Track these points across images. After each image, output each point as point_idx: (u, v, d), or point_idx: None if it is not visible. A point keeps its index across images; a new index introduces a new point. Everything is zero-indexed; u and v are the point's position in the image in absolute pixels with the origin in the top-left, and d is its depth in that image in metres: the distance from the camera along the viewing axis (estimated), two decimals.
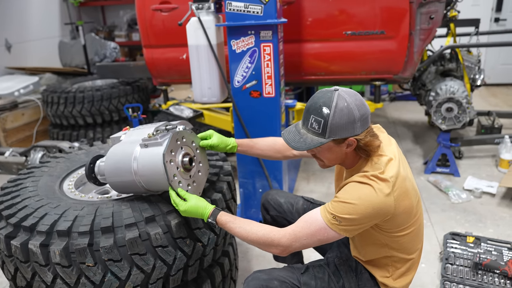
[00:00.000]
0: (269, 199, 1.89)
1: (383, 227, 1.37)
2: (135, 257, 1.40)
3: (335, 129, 1.28)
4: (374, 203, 1.27)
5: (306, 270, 1.52)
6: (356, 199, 1.27)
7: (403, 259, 1.46)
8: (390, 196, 1.28)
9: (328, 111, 1.27)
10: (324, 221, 1.31)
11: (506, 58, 6.10)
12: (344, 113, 1.27)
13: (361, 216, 1.27)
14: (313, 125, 1.31)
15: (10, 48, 4.94)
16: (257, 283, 1.44)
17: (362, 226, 1.31)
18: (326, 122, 1.28)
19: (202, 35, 2.39)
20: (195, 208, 1.44)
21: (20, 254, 1.42)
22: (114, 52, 5.15)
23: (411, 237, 1.41)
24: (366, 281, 1.50)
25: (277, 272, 1.50)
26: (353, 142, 1.32)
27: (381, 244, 1.43)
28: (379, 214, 1.29)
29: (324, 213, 1.32)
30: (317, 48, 2.94)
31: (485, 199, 3.05)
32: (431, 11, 2.78)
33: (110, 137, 1.70)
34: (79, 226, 1.40)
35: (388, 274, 1.48)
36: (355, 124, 1.28)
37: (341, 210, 1.28)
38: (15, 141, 4.06)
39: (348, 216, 1.27)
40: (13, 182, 1.79)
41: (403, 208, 1.32)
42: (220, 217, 1.45)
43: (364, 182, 1.29)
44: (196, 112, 3.24)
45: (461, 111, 3.29)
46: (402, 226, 1.37)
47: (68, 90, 3.78)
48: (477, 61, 3.89)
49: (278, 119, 2.49)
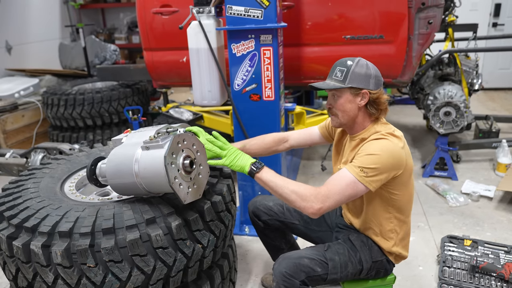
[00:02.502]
0: (258, 206, 1.95)
1: (390, 184, 1.54)
2: (136, 258, 1.41)
3: (354, 78, 1.52)
4: (394, 153, 1.47)
5: (328, 248, 1.66)
6: (379, 150, 1.46)
7: (402, 222, 1.65)
8: (403, 150, 1.51)
9: (351, 63, 1.54)
10: (353, 174, 1.45)
11: (504, 63, 6.14)
12: (363, 68, 1.53)
13: (383, 166, 1.45)
14: (337, 74, 1.55)
15: (10, 50, 4.95)
16: (289, 262, 1.55)
17: (384, 176, 1.47)
18: (348, 70, 1.52)
19: (203, 39, 2.41)
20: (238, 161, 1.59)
21: (21, 255, 1.43)
22: (114, 55, 5.16)
23: (406, 197, 1.61)
24: (376, 253, 1.68)
25: (304, 251, 1.64)
26: (366, 95, 1.54)
27: (386, 206, 1.60)
28: (397, 164, 1.48)
29: (351, 169, 1.47)
30: (316, 52, 2.96)
31: (483, 202, 3.07)
32: (429, 16, 2.81)
33: (111, 139, 1.72)
34: (80, 227, 1.41)
35: (392, 242, 1.66)
36: (371, 79, 1.53)
37: (366, 161, 1.45)
38: (15, 143, 4.07)
39: (374, 165, 1.44)
40: (15, 184, 1.80)
41: (409, 165, 1.54)
42: (263, 170, 1.55)
43: (381, 138, 1.50)
44: (196, 114, 3.26)
45: (459, 115, 3.32)
46: (404, 184, 1.56)
47: (68, 92, 3.79)
48: (475, 66, 3.91)
49: (278, 122, 2.50)
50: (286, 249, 1.99)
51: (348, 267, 1.62)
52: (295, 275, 1.52)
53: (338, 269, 1.60)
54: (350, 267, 1.62)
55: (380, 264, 1.69)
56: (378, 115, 1.59)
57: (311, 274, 1.55)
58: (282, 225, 1.93)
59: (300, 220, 1.91)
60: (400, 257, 1.72)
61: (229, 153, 1.60)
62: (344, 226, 1.82)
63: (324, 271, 1.57)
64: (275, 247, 2.00)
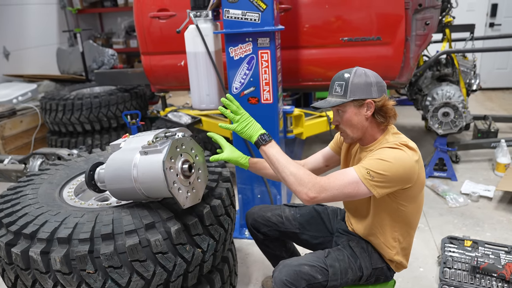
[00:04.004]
0: (256, 218, 1.92)
1: (401, 196, 1.50)
2: (135, 263, 1.40)
3: (355, 89, 1.47)
4: (406, 165, 1.41)
5: (328, 254, 1.63)
6: (392, 158, 1.40)
7: (406, 233, 1.61)
8: (417, 163, 1.44)
9: (348, 75, 1.49)
10: (358, 175, 1.41)
11: (501, 63, 6.16)
12: (362, 77, 1.48)
13: (393, 175, 1.40)
14: (337, 90, 1.51)
15: (8, 55, 4.95)
16: (290, 270, 1.52)
17: (390, 186, 1.43)
18: (347, 83, 1.47)
19: (200, 43, 2.41)
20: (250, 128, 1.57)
21: (20, 262, 1.42)
22: (112, 59, 5.16)
23: (415, 210, 1.57)
24: (377, 260, 1.66)
25: (304, 258, 1.61)
26: (371, 105, 1.48)
27: (392, 216, 1.56)
28: (407, 177, 1.43)
29: (358, 168, 1.43)
30: (314, 54, 2.96)
31: (482, 203, 3.07)
32: (426, 17, 2.81)
33: (109, 144, 1.71)
34: (79, 233, 1.40)
35: (394, 251, 1.63)
36: (372, 87, 1.47)
37: (376, 166, 1.40)
38: (13, 149, 4.06)
39: (382, 172, 1.39)
40: (13, 190, 1.80)
41: (421, 179, 1.49)
42: (270, 145, 1.54)
43: (395, 147, 1.44)
44: (194, 118, 3.25)
45: (457, 116, 3.32)
46: (413, 197, 1.52)
47: (66, 97, 3.79)
48: (473, 66, 3.92)
49: (276, 125, 2.50)
50: (287, 257, 1.98)
51: (348, 273, 1.60)
52: (296, 283, 1.50)
53: (338, 275, 1.58)
54: (350, 273, 1.61)
55: (380, 271, 1.67)
56: (387, 123, 1.53)
57: (312, 282, 1.53)
58: (282, 235, 1.92)
59: (300, 228, 1.88)
60: (401, 265, 1.69)
61: (242, 119, 1.58)
62: (345, 232, 1.80)
63: (325, 278, 1.56)
64: (276, 256, 1.98)
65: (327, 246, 1.83)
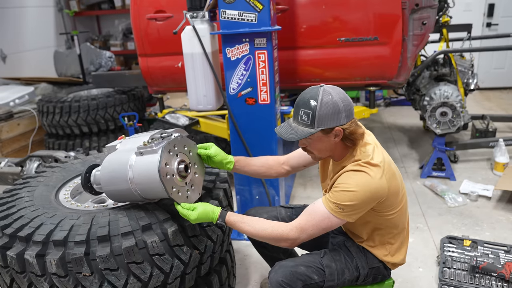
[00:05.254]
0: None
1: (378, 208, 1.52)
2: (132, 265, 1.39)
3: (322, 120, 1.41)
4: (371, 188, 1.42)
5: (324, 254, 1.64)
6: (354, 186, 1.41)
7: (396, 235, 1.63)
8: (383, 179, 1.44)
9: (315, 103, 1.40)
10: (328, 210, 1.45)
11: (499, 62, 6.16)
12: (329, 106, 1.40)
13: (361, 201, 1.42)
14: (303, 118, 1.43)
15: (5, 58, 4.94)
16: (285, 270, 1.53)
17: (363, 210, 1.46)
18: (314, 113, 1.40)
19: (197, 43, 2.40)
20: (205, 214, 1.51)
21: (16, 265, 1.41)
22: (109, 61, 5.16)
23: (399, 214, 1.59)
24: (372, 259, 1.66)
25: (301, 259, 1.62)
26: (339, 132, 1.44)
27: (379, 224, 1.59)
28: (376, 196, 1.44)
29: (326, 203, 1.46)
30: (311, 54, 2.96)
31: (481, 202, 3.07)
32: (423, 17, 2.81)
33: (105, 146, 1.71)
34: (75, 236, 1.39)
35: (386, 252, 1.65)
36: (340, 114, 1.42)
37: (342, 198, 1.42)
38: (11, 152, 4.04)
39: (350, 202, 1.41)
40: (9, 193, 1.79)
41: (393, 188, 1.49)
42: (229, 217, 1.54)
43: (358, 170, 1.44)
44: (192, 120, 3.24)
45: (455, 115, 3.32)
46: (392, 206, 1.54)
47: (64, 99, 3.78)
48: (470, 66, 3.92)
49: (274, 125, 2.49)
50: (285, 259, 1.97)
51: (345, 274, 1.61)
52: (291, 283, 1.50)
53: (335, 276, 1.58)
54: (347, 273, 1.61)
55: (377, 270, 1.67)
56: (355, 145, 1.51)
57: (308, 282, 1.53)
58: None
59: None
60: (398, 263, 1.70)
61: (196, 207, 1.53)
62: (339, 232, 1.80)
63: (321, 279, 1.56)
64: (274, 258, 1.97)
65: (323, 246, 1.82)
